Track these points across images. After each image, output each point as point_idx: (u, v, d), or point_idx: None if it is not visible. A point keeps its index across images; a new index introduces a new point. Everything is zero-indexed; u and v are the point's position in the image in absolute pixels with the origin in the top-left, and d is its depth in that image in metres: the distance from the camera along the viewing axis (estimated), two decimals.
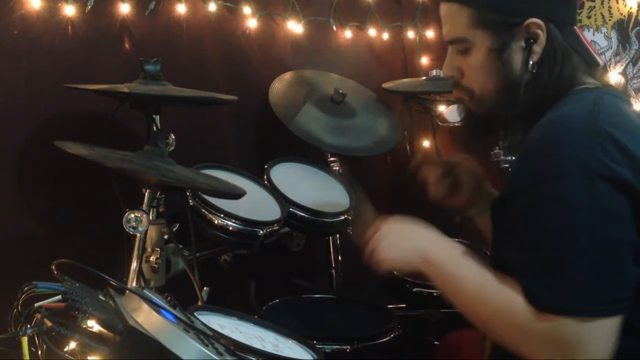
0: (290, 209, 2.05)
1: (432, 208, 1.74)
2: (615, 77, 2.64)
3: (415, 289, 2.14)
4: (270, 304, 2.00)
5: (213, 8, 2.41)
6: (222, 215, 1.83)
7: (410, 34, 3.12)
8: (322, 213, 2.12)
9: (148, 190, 1.73)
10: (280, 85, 2.51)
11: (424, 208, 1.70)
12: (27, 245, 1.97)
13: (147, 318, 1.08)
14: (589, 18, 2.70)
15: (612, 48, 2.67)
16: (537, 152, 1.22)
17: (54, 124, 2.03)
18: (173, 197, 1.77)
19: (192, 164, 1.92)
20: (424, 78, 2.81)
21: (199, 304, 1.59)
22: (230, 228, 1.84)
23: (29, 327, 1.08)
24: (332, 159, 2.48)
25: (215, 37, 2.44)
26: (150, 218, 1.77)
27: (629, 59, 2.63)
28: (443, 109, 2.90)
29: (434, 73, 2.69)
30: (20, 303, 1.12)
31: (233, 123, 2.49)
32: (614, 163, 1.15)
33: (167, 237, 1.87)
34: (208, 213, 1.82)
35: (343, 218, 2.16)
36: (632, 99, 2.62)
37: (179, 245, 1.79)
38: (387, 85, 2.72)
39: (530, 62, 1.31)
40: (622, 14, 2.63)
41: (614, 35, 2.65)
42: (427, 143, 3.16)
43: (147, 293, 1.20)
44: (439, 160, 1.69)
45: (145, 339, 1.04)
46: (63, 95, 1.96)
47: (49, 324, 1.06)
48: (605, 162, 1.14)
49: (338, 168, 2.46)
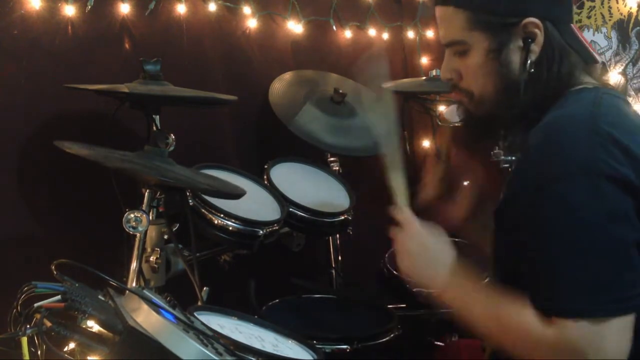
0: (290, 209, 2.05)
1: (431, 208, 1.73)
2: (615, 77, 2.64)
3: (415, 289, 2.14)
4: (270, 304, 2.00)
5: (213, 8, 2.41)
6: (222, 215, 1.83)
7: (410, 34, 3.12)
8: (322, 213, 2.12)
9: (148, 190, 1.73)
10: (280, 85, 2.51)
11: (424, 208, 1.70)
12: (27, 245, 1.97)
13: (146, 318, 1.08)
14: (589, 18, 2.70)
15: (612, 48, 2.67)
16: (538, 154, 1.21)
17: (54, 124, 2.03)
18: (173, 197, 1.77)
19: (192, 164, 1.92)
20: (424, 78, 2.80)
21: (199, 304, 1.60)
22: (230, 228, 1.84)
23: (29, 327, 1.08)
24: (332, 159, 2.48)
25: (215, 37, 2.44)
26: (150, 218, 1.77)
27: (629, 59, 2.63)
28: (443, 109, 2.91)
29: (434, 73, 2.68)
30: (20, 303, 1.13)
31: (233, 123, 2.49)
32: (617, 163, 1.14)
33: (167, 237, 1.87)
34: (208, 213, 1.83)
35: (343, 218, 2.16)
36: (632, 99, 2.62)
37: (179, 245, 1.79)
38: (387, 85, 2.72)
39: (529, 61, 1.30)
40: (622, 14, 2.63)
41: (614, 35, 2.65)
42: (427, 143, 3.16)
43: (146, 293, 1.20)
44: (436, 174, 1.67)
45: (145, 339, 1.04)
46: (63, 95, 1.96)
47: (49, 324, 1.06)
48: (608, 161, 1.14)
49: (338, 168, 2.46)
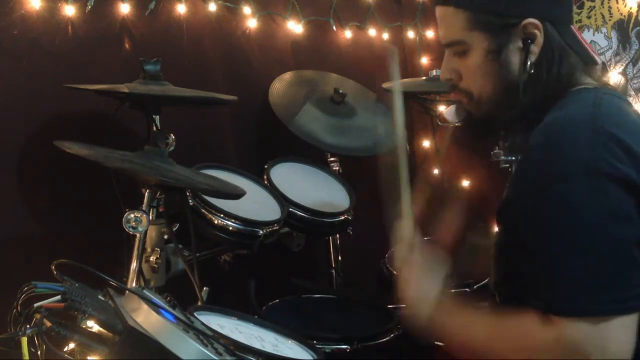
0: (290, 209, 2.05)
1: (431, 208, 1.73)
2: (615, 77, 2.64)
3: None
4: (270, 304, 2.00)
5: (213, 8, 2.41)
6: (222, 215, 1.83)
7: (410, 34, 3.12)
8: (322, 213, 2.12)
9: (148, 190, 1.73)
10: (280, 85, 2.51)
11: (424, 208, 1.71)
12: (27, 245, 1.97)
13: (146, 318, 1.08)
14: (589, 18, 2.70)
15: (612, 48, 2.67)
16: (539, 154, 1.21)
17: (54, 124, 2.03)
18: (173, 197, 1.77)
19: (192, 164, 1.93)
20: (424, 78, 2.80)
21: (199, 304, 1.60)
22: (230, 228, 1.84)
23: (29, 327, 1.08)
24: (332, 159, 2.48)
25: (215, 37, 2.44)
26: (150, 218, 1.77)
27: (629, 59, 2.63)
28: (443, 109, 2.91)
29: (434, 73, 2.68)
30: (20, 303, 1.13)
31: (233, 123, 2.49)
32: (619, 162, 1.14)
33: (167, 237, 1.87)
34: (208, 213, 1.83)
35: (343, 218, 2.16)
36: (632, 99, 2.62)
37: (179, 245, 1.79)
38: (387, 85, 2.72)
39: (528, 62, 1.30)
40: (622, 14, 2.63)
41: (614, 35, 2.65)
42: (427, 143, 3.16)
43: (146, 293, 1.20)
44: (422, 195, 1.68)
45: (145, 339, 1.04)
46: (63, 95, 1.96)
47: (49, 324, 1.06)
48: (610, 161, 1.14)
49: (338, 168, 2.46)
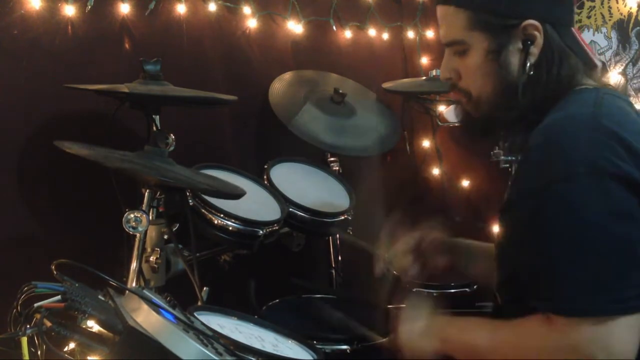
0: (290, 209, 2.05)
1: (431, 208, 1.74)
2: (615, 77, 2.64)
3: (415, 289, 2.14)
4: (270, 304, 2.00)
5: (213, 8, 2.41)
6: (222, 215, 1.83)
7: (410, 34, 3.12)
8: (322, 213, 2.12)
9: (148, 190, 1.73)
10: (280, 85, 2.51)
11: (424, 208, 1.71)
12: (27, 245, 1.97)
13: (146, 318, 1.08)
14: (589, 18, 2.70)
15: (612, 48, 2.67)
16: (540, 154, 1.21)
17: (54, 124, 2.03)
18: (173, 197, 1.77)
19: (192, 164, 1.92)
20: (424, 78, 2.80)
21: (199, 304, 1.59)
22: (230, 228, 1.84)
23: (29, 327, 1.08)
24: (332, 159, 2.48)
25: (215, 37, 2.44)
26: (150, 218, 1.77)
27: (629, 59, 2.63)
28: (443, 109, 2.90)
29: (434, 73, 2.68)
30: (20, 303, 1.13)
31: (233, 123, 2.49)
32: (620, 160, 1.14)
33: (167, 237, 1.87)
34: (208, 213, 1.83)
35: (343, 218, 2.16)
36: (632, 99, 2.62)
37: (179, 245, 1.79)
38: (387, 85, 2.72)
39: (528, 63, 1.30)
40: (622, 14, 2.63)
41: (614, 35, 2.65)
42: (427, 143, 3.15)
43: (146, 293, 1.20)
44: (402, 247, 1.68)
45: (145, 339, 1.04)
46: (63, 95, 1.96)
47: (49, 324, 1.06)
48: (612, 160, 1.13)
49: (338, 168, 2.46)
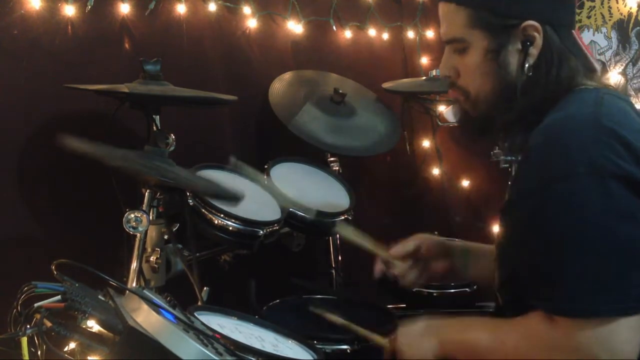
0: (290, 209, 2.05)
1: (431, 208, 1.74)
2: (615, 77, 2.64)
3: (415, 289, 2.13)
4: (271, 304, 2.00)
5: (213, 8, 2.41)
6: (222, 215, 1.83)
7: (410, 34, 3.12)
8: (322, 213, 2.12)
9: (148, 190, 1.73)
10: (280, 85, 2.51)
11: (424, 208, 1.71)
12: (27, 245, 1.97)
13: (146, 318, 1.08)
14: (589, 18, 2.70)
15: (612, 48, 2.67)
16: (542, 154, 1.20)
17: (54, 124, 2.03)
18: (173, 197, 1.77)
19: (192, 164, 1.92)
20: (424, 78, 2.80)
21: (199, 304, 1.59)
22: (230, 228, 1.84)
23: (29, 327, 1.08)
24: (332, 159, 2.48)
25: (215, 37, 2.44)
26: (150, 218, 1.77)
27: (629, 59, 2.63)
28: (443, 109, 2.90)
29: (434, 73, 2.68)
30: (20, 303, 1.13)
31: (233, 123, 2.49)
32: (622, 160, 1.14)
33: (167, 237, 1.87)
34: (208, 213, 1.82)
35: (343, 218, 2.16)
36: (632, 99, 2.62)
37: (179, 245, 1.79)
38: (387, 85, 2.72)
39: (527, 64, 1.30)
40: (622, 14, 2.63)
41: (614, 35, 2.65)
42: (427, 143, 3.15)
43: (146, 293, 1.20)
44: (401, 252, 1.69)
45: (145, 339, 1.04)
46: (63, 95, 1.96)
47: (49, 324, 1.06)
48: (613, 159, 1.13)
49: (338, 168, 2.46)
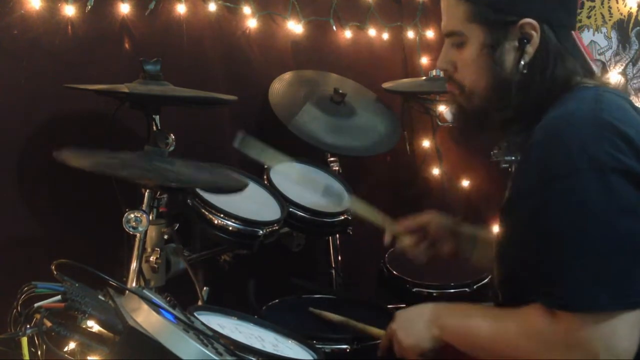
0: (290, 209, 2.05)
1: (431, 208, 1.74)
2: (615, 77, 2.64)
3: (415, 289, 2.14)
4: (270, 304, 2.00)
5: (213, 8, 2.41)
6: (222, 215, 1.83)
7: (410, 34, 3.12)
8: (322, 213, 2.12)
9: (148, 190, 1.73)
10: (280, 85, 2.51)
11: (424, 208, 1.71)
12: (27, 245, 1.97)
13: (146, 318, 1.08)
14: (589, 18, 2.70)
15: (612, 48, 2.67)
16: (543, 151, 1.20)
17: (54, 124, 2.03)
18: (175, 197, 1.77)
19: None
20: (424, 78, 2.80)
21: (199, 304, 1.60)
22: (230, 228, 1.84)
23: (29, 327, 1.08)
24: (332, 159, 2.48)
25: (215, 37, 2.44)
26: (150, 218, 1.77)
27: (629, 59, 2.63)
28: (443, 109, 2.91)
29: (434, 73, 2.69)
30: (20, 303, 1.13)
31: (233, 123, 2.49)
32: (622, 155, 1.14)
33: (167, 237, 1.87)
34: (208, 213, 1.82)
35: (343, 218, 2.16)
36: (631, 99, 2.62)
37: (180, 245, 1.79)
38: (387, 85, 2.72)
39: (522, 62, 1.30)
40: (622, 14, 2.63)
41: (614, 35, 2.65)
42: (427, 143, 3.16)
43: (146, 293, 1.20)
44: (409, 226, 1.71)
45: (145, 339, 1.04)
46: (63, 95, 1.96)
47: (49, 324, 1.06)
48: (614, 154, 1.13)
49: (338, 168, 2.46)
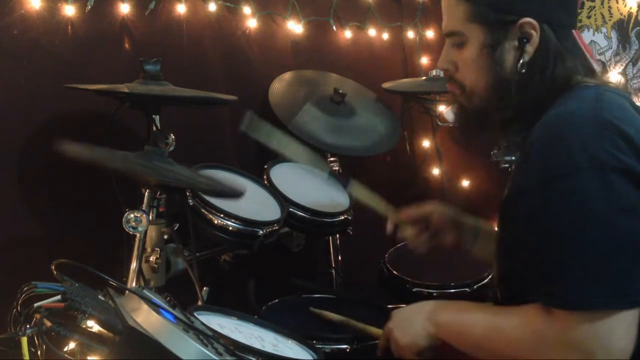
0: (290, 209, 2.05)
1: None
2: (615, 77, 2.64)
3: (415, 289, 2.14)
4: (270, 304, 2.00)
5: (213, 8, 2.41)
6: (222, 215, 1.83)
7: (410, 34, 3.12)
8: (322, 213, 2.12)
9: (148, 190, 1.73)
10: (280, 85, 2.51)
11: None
12: (27, 245, 1.97)
13: (146, 318, 1.08)
14: (589, 18, 2.70)
15: (612, 48, 2.67)
16: (543, 150, 1.20)
17: (54, 124, 2.03)
18: (173, 197, 1.77)
19: (192, 164, 1.92)
20: (424, 78, 2.80)
21: (199, 304, 1.60)
22: (230, 228, 1.84)
23: (29, 327, 1.08)
24: (332, 159, 2.48)
25: (215, 37, 2.44)
26: (150, 218, 1.77)
27: (629, 59, 2.63)
28: (443, 109, 2.90)
29: (434, 73, 2.69)
30: (20, 303, 1.13)
31: (233, 123, 2.48)
32: (622, 154, 1.14)
33: (167, 237, 1.87)
34: (208, 213, 1.82)
35: (343, 218, 2.16)
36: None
37: (180, 245, 1.79)
38: (387, 85, 2.72)
39: (521, 61, 1.31)
40: (622, 14, 2.63)
41: (614, 35, 2.65)
42: (427, 143, 3.16)
43: (146, 293, 1.20)
44: (412, 216, 1.72)
45: (145, 339, 1.04)
46: (63, 95, 1.96)
47: (49, 324, 1.06)
48: (614, 153, 1.13)
49: (338, 168, 2.46)
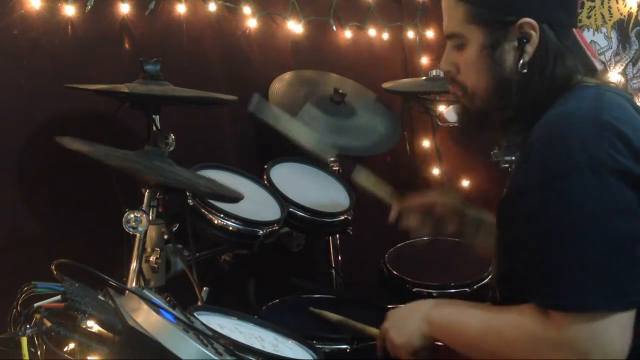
0: (290, 209, 2.05)
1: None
2: (615, 77, 2.64)
3: (415, 289, 2.14)
4: (270, 304, 2.00)
5: (213, 8, 2.41)
6: (222, 215, 1.83)
7: (410, 34, 3.12)
8: (322, 213, 2.12)
9: (148, 190, 1.73)
10: (280, 85, 2.51)
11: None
12: (27, 245, 1.97)
13: (146, 318, 1.08)
14: (589, 18, 2.70)
15: (612, 48, 2.67)
16: (542, 150, 1.20)
17: (54, 124, 2.03)
18: (173, 197, 1.77)
19: (192, 164, 1.92)
20: (424, 78, 2.80)
21: (199, 304, 1.60)
22: (230, 228, 1.84)
23: (29, 327, 1.08)
24: (332, 159, 2.48)
25: (215, 37, 2.44)
26: (150, 218, 1.77)
27: (629, 59, 2.63)
28: (443, 109, 2.91)
29: (434, 73, 2.69)
30: (20, 303, 1.13)
31: (233, 123, 2.49)
32: (621, 156, 1.14)
33: (167, 237, 1.87)
34: (208, 213, 1.82)
35: (343, 218, 2.16)
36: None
37: (178, 245, 1.79)
38: (387, 85, 2.72)
39: (521, 61, 1.31)
40: (622, 14, 2.63)
41: (614, 35, 2.65)
42: (427, 143, 3.16)
43: (146, 293, 1.20)
44: (415, 204, 1.73)
45: (145, 339, 1.04)
46: (63, 95, 1.96)
47: (49, 324, 1.06)
48: (614, 155, 1.14)
49: (338, 168, 2.46)
